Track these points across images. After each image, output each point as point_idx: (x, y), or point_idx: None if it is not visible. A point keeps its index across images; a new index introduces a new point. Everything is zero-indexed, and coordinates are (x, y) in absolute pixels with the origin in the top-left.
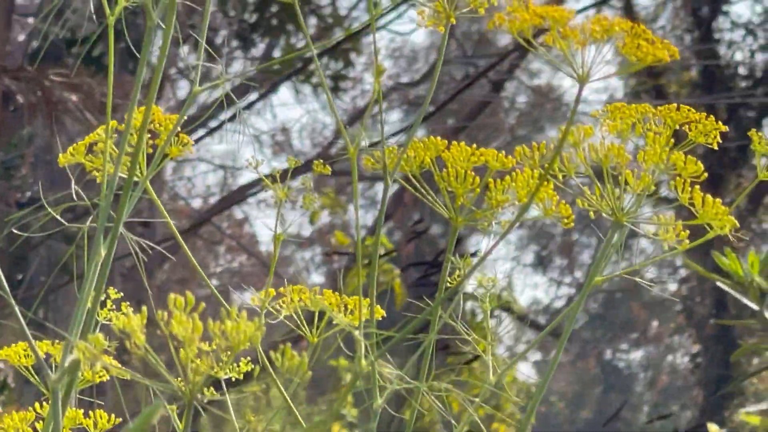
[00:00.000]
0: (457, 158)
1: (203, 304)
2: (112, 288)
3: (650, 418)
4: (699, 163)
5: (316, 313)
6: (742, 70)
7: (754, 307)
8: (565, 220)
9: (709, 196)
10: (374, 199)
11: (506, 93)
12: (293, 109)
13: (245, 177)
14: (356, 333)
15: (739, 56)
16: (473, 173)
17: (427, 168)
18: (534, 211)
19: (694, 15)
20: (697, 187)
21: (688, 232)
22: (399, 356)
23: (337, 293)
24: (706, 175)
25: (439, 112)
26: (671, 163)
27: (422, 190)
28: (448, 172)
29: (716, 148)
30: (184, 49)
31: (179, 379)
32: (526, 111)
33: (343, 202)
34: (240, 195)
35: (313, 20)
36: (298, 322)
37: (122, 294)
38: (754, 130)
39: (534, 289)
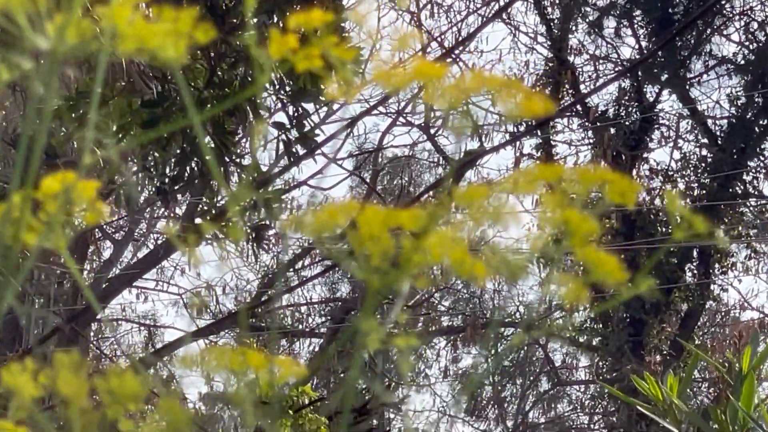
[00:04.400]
0: (371, 220)
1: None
2: None
3: None
4: (594, 222)
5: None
6: (662, 217)
7: (674, 430)
8: (479, 279)
9: (602, 253)
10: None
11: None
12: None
13: (169, 335)
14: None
15: (658, 202)
16: (388, 235)
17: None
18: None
19: (614, 162)
20: (593, 245)
21: (587, 289)
22: None
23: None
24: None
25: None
26: (564, 221)
27: (335, 251)
28: (363, 233)
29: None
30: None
31: None
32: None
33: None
34: (165, 353)
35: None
36: None
37: None
38: (669, 188)
39: None
